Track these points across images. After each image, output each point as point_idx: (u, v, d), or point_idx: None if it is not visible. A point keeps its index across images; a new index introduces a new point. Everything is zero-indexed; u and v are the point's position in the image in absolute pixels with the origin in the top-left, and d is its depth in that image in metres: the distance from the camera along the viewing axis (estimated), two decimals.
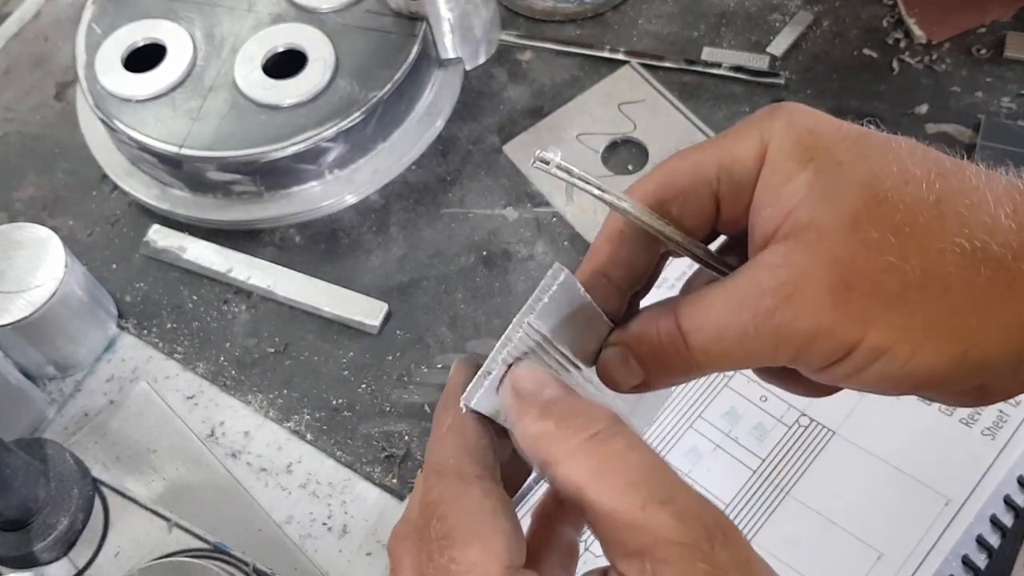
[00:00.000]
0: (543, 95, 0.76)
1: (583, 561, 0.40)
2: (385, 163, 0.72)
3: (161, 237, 0.72)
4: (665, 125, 0.73)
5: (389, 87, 0.69)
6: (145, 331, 0.69)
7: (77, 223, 0.74)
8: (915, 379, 0.35)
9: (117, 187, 0.74)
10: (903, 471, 0.57)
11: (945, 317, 0.34)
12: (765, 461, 0.58)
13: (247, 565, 0.56)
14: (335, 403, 0.65)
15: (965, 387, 0.36)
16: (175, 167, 0.69)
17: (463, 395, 0.36)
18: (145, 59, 0.72)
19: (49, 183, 0.76)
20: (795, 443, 0.59)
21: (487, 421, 0.37)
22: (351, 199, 0.71)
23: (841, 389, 0.40)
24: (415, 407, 0.64)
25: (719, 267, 0.39)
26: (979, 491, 0.56)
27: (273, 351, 0.67)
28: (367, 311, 0.67)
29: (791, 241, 0.35)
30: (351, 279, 0.69)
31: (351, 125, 0.68)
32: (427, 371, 0.66)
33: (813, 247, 0.34)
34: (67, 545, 0.56)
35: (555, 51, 0.78)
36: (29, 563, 0.55)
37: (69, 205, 0.75)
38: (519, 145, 0.74)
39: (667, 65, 0.76)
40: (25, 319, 0.61)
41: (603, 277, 0.39)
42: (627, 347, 0.39)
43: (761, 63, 0.75)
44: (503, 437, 0.37)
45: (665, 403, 0.59)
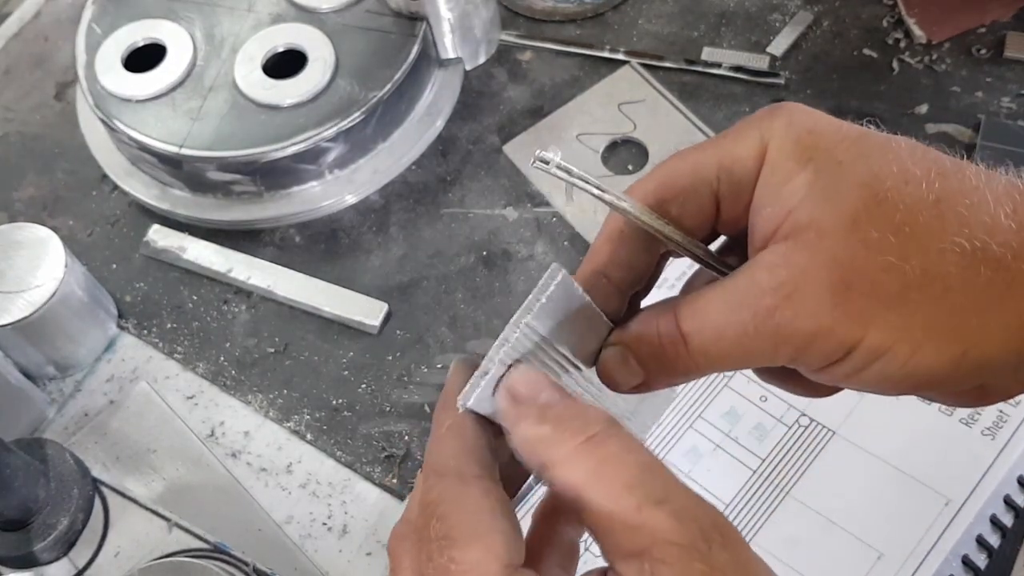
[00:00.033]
0: (543, 95, 0.76)
1: (583, 561, 0.40)
2: (385, 163, 0.72)
3: (161, 237, 0.72)
4: (665, 125, 0.73)
5: (389, 87, 0.69)
6: (145, 331, 0.69)
7: (77, 223, 0.74)
8: (915, 379, 0.35)
9: (117, 187, 0.74)
10: (903, 471, 0.57)
11: (945, 317, 0.34)
12: (765, 461, 0.58)
13: (247, 565, 0.56)
14: (335, 403, 0.65)
15: (965, 387, 0.36)
16: (175, 167, 0.69)
17: (460, 395, 0.36)
18: (145, 59, 0.72)
19: (49, 183, 0.76)
20: (795, 443, 0.59)
21: (486, 421, 0.37)
22: (351, 199, 0.71)
23: (841, 390, 0.40)
24: (415, 407, 0.64)
25: (719, 267, 0.39)
26: (979, 491, 0.56)
27: (273, 351, 0.67)
28: (367, 311, 0.67)
29: (791, 241, 0.35)
30: (351, 279, 0.69)
31: (351, 125, 0.68)
32: (427, 371, 0.66)
33: (813, 247, 0.34)
34: (67, 545, 0.56)
35: (555, 51, 0.78)
36: (29, 563, 0.55)
37: (69, 205, 0.75)
38: (519, 145, 0.74)
39: (667, 65, 0.76)
40: (25, 319, 0.61)
41: (603, 277, 0.39)
42: (627, 347, 0.39)
43: (761, 63, 0.75)
44: (502, 437, 0.37)
45: (670, 404, 0.59)
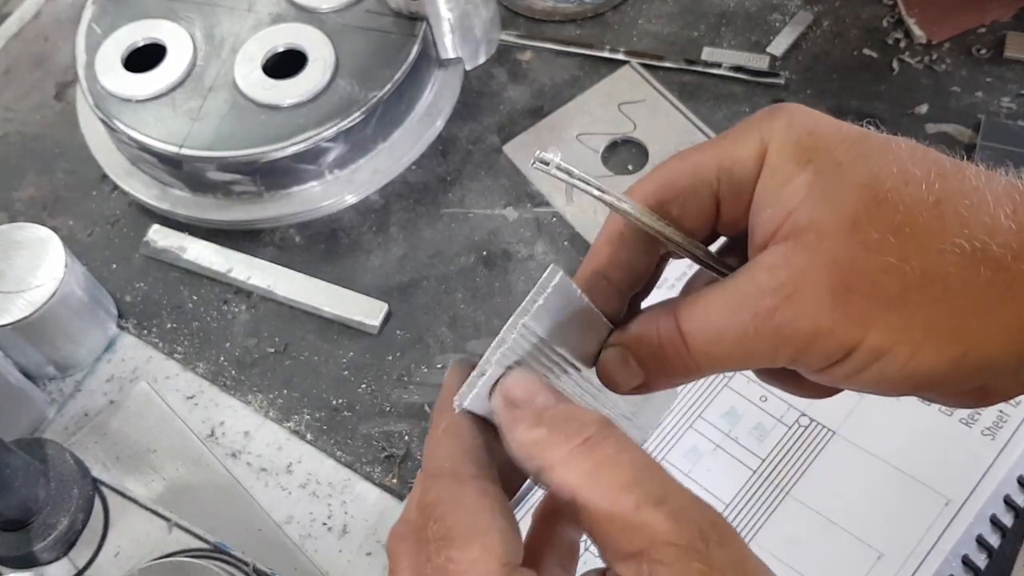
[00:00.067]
0: (543, 95, 0.76)
1: (583, 561, 0.40)
2: (385, 163, 0.72)
3: (161, 237, 0.72)
4: (665, 125, 0.73)
5: (389, 87, 0.69)
6: (145, 331, 0.69)
7: (77, 223, 0.74)
8: (915, 380, 0.35)
9: (117, 187, 0.74)
10: (903, 471, 0.57)
11: (945, 318, 0.34)
12: (765, 461, 0.58)
13: (247, 565, 0.56)
14: (335, 403, 0.65)
15: (965, 388, 0.36)
16: (175, 167, 0.69)
17: (457, 396, 0.36)
18: (145, 59, 0.72)
19: (49, 183, 0.76)
20: (795, 443, 0.59)
21: (483, 422, 0.37)
22: (351, 199, 0.71)
23: (841, 391, 0.40)
24: (415, 407, 0.64)
25: (719, 268, 0.39)
26: (979, 491, 0.56)
27: (273, 351, 0.67)
28: (367, 311, 0.67)
29: (791, 242, 0.35)
30: (351, 279, 0.69)
31: (351, 125, 0.68)
32: (427, 371, 0.66)
33: (813, 248, 0.34)
34: (67, 545, 0.56)
35: (555, 51, 0.78)
36: (29, 563, 0.55)
37: (69, 205, 0.75)
38: (519, 145, 0.74)
39: (667, 65, 0.76)
40: (25, 319, 0.61)
41: (603, 278, 0.39)
42: (627, 348, 0.39)
43: (761, 63, 0.75)
44: (500, 437, 0.37)
45: (672, 405, 0.59)
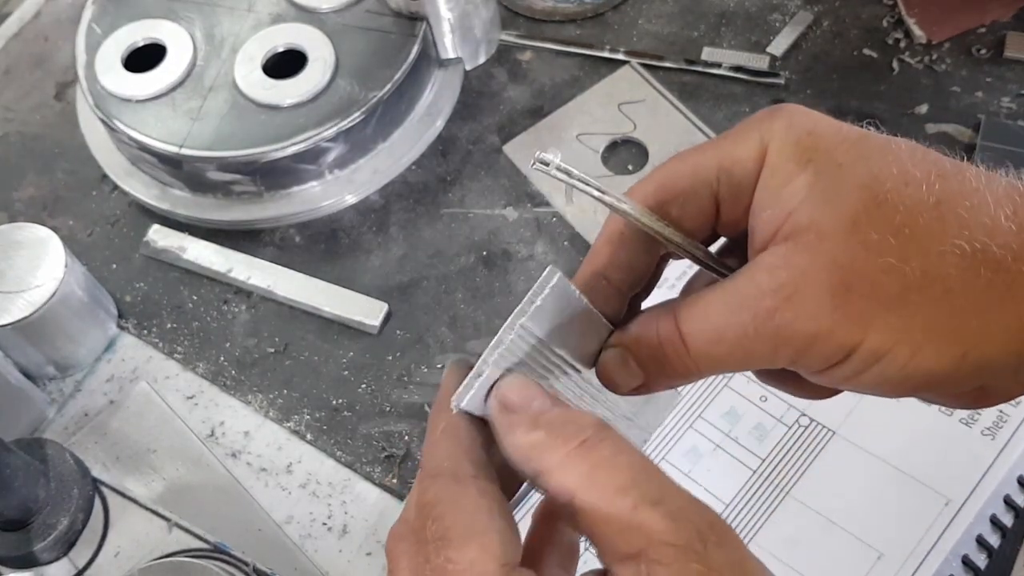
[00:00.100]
0: (543, 95, 0.76)
1: (583, 561, 0.40)
2: (385, 163, 0.72)
3: (161, 237, 0.72)
4: (665, 125, 0.73)
5: (389, 87, 0.69)
6: (145, 331, 0.69)
7: (77, 223, 0.74)
8: (915, 381, 0.35)
9: (117, 187, 0.74)
10: (903, 471, 0.57)
11: (945, 319, 0.34)
12: (765, 461, 0.58)
13: (247, 565, 0.56)
14: (335, 403, 0.65)
15: (965, 389, 0.36)
16: (175, 167, 0.69)
17: (454, 397, 0.37)
18: (145, 59, 0.72)
19: (49, 183, 0.76)
20: (795, 443, 0.59)
21: (481, 422, 0.37)
22: (351, 199, 0.71)
23: (841, 392, 0.40)
24: (415, 407, 0.64)
25: (719, 269, 0.39)
26: (979, 491, 0.56)
27: (273, 351, 0.67)
28: (367, 311, 0.67)
29: (791, 243, 0.35)
30: (351, 279, 0.69)
31: (351, 125, 0.68)
32: (427, 371, 0.66)
33: (813, 249, 0.34)
34: (67, 545, 0.56)
35: (555, 51, 0.78)
36: (29, 563, 0.55)
37: (69, 205, 0.75)
38: (519, 145, 0.74)
39: (667, 65, 0.76)
40: (25, 319, 0.61)
41: (603, 279, 0.39)
42: (627, 349, 0.39)
43: (761, 63, 0.75)
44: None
45: (673, 405, 0.59)
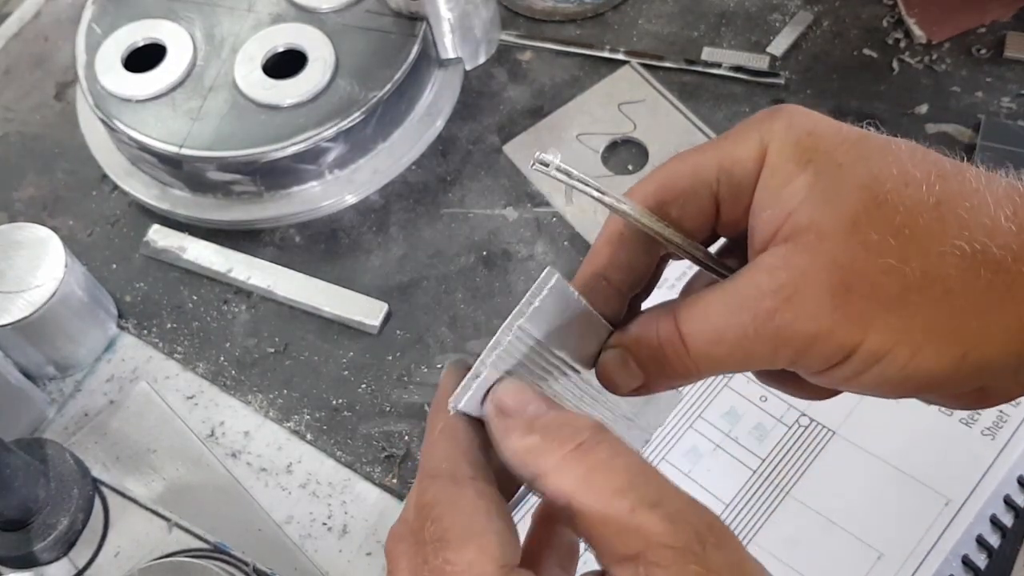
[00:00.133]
0: (543, 95, 0.76)
1: (583, 561, 0.40)
2: (385, 163, 0.72)
3: (161, 237, 0.72)
4: (665, 125, 0.73)
5: (389, 87, 0.69)
6: (145, 331, 0.69)
7: (77, 223, 0.74)
8: (915, 381, 0.35)
9: (117, 187, 0.74)
10: (903, 471, 0.57)
11: (945, 319, 0.34)
12: (765, 461, 0.58)
13: (247, 565, 0.56)
14: (335, 403, 0.65)
15: (965, 389, 0.36)
16: (175, 167, 0.69)
17: (451, 398, 0.37)
18: (145, 59, 0.72)
19: (49, 183, 0.76)
20: (795, 443, 0.59)
21: (479, 423, 0.37)
22: (351, 199, 0.71)
23: (841, 393, 0.40)
24: (415, 407, 0.64)
25: (719, 269, 0.39)
26: (979, 491, 0.56)
27: (273, 351, 0.67)
28: (367, 311, 0.67)
29: (791, 243, 0.35)
30: (351, 279, 0.69)
31: (351, 125, 0.68)
32: (427, 371, 0.66)
33: (813, 249, 0.34)
34: (67, 545, 0.56)
35: (555, 51, 0.78)
36: (29, 563, 0.55)
37: (69, 205, 0.75)
38: (519, 145, 0.74)
39: (667, 65, 0.76)
40: (25, 319, 0.61)
41: (603, 280, 0.39)
42: (626, 350, 0.39)
43: (761, 63, 0.75)
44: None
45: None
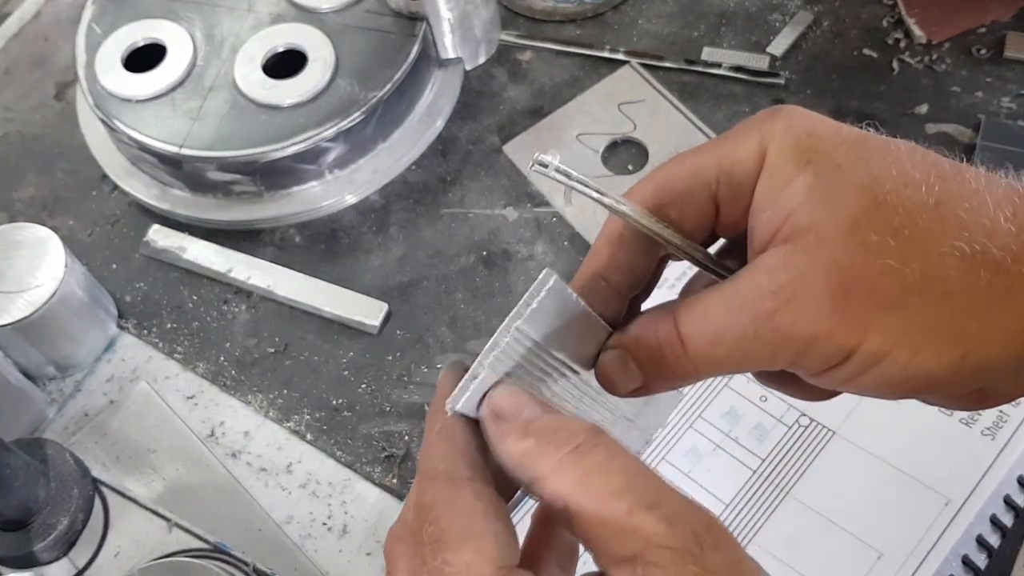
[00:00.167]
0: (543, 95, 0.76)
1: (582, 562, 0.40)
2: (385, 163, 0.72)
3: (161, 237, 0.72)
4: (665, 125, 0.73)
5: (389, 87, 0.69)
6: (145, 331, 0.69)
7: (77, 223, 0.74)
8: (915, 383, 0.35)
9: (117, 187, 0.74)
10: (903, 471, 0.57)
11: (945, 320, 0.34)
12: (765, 461, 0.58)
13: (247, 565, 0.56)
14: (335, 403, 0.65)
15: (965, 390, 0.36)
16: (175, 167, 0.69)
17: (449, 399, 0.37)
18: (145, 59, 0.72)
19: (49, 183, 0.76)
20: (795, 443, 0.59)
21: (477, 424, 0.37)
22: (351, 199, 0.71)
23: (840, 393, 0.40)
24: (415, 407, 0.64)
25: (718, 270, 0.39)
26: (979, 491, 0.56)
27: (273, 351, 0.67)
28: (367, 311, 0.67)
29: (790, 244, 0.35)
30: (351, 279, 0.69)
31: (351, 125, 0.68)
32: (427, 371, 0.66)
33: (812, 250, 0.34)
34: (67, 545, 0.56)
35: (555, 51, 0.78)
36: (29, 563, 0.55)
37: (69, 205, 0.75)
38: (519, 145, 0.74)
39: (667, 65, 0.76)
40: (25, 319, 0.61)
41: (602, 280, 0.39)
42: (626, 350, 0.39)
43: (761, 63, 0.75)
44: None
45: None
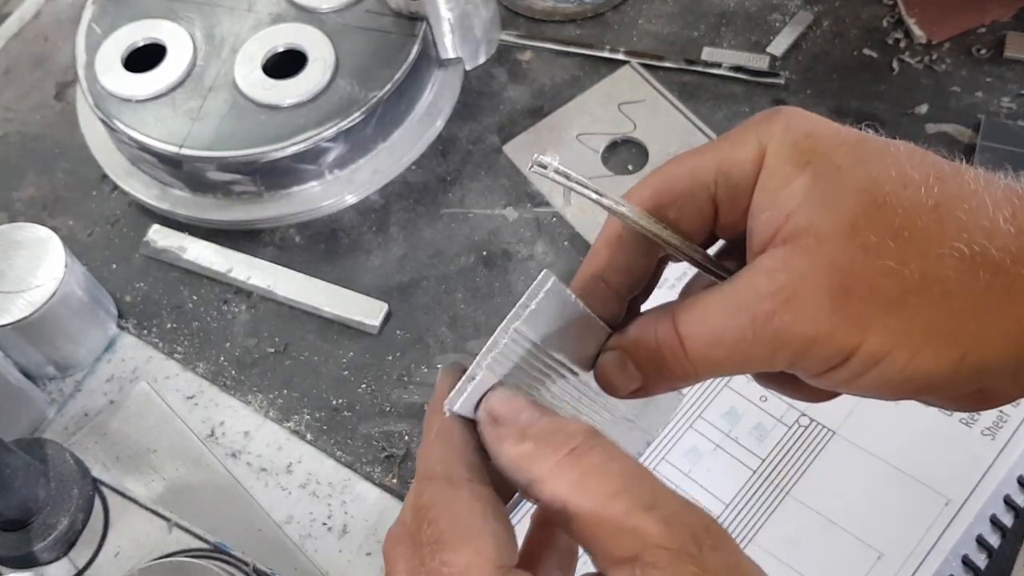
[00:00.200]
0: (543, 95, 0.76)
1: (582, 562, 0.40)
2: (385, 163, 0.72)
3: (161, 237, 0.72)
4: (665, 125, 0.73)
5: (389, 87, 0.69)
6: (145, 331, 0.69)
7: (77, 223, 0.74)
8: (914, 384, 0.35)
9: (117, 187, 0.74)
10: (903, 471, 0.57)
11: (944, 321, 0.34)
12: (765, 461, 0.58)
13: (247, 565, 0.56)
14: (335, 403, 0.65)
15: (964, 391, 0.36)
16: (175, 167, 0.69)
17: (447, 400, 0.37)
18: (145, 59, 0.72)
19: (49, 183, 0.76)
20: (795, 443, 0.59)
21: (474, 425, 0.37)
22: (351, 199, 0.71)
23: (840, 395, 0.40)
24: (415, 407, 0.64)
25: (717, 271, 0.39)
26: (979, 491, 0.56)
27: (273, 351, 0.67)
28: (367, 311, 0.67)
29: (789, 245, 0.35)
30: (351, 279, 0.69)
31: (351, 125, 0.68)
32: (427, 371, 0.66)
33: (811, 251, 0.34)
34: (67, 545, 0.56)
35: (555, 51, 0.78)
36: (29, 563, 0.55)
37: (69, 205, 0.75)
38: (519, 145, 0.74)
39: (667, 65, 0.76)
40: (25, 319, 0.61)
41: (601, 282, 0.39)
42: (625, 352, 0.39)
43: (761, 63, 0.75)
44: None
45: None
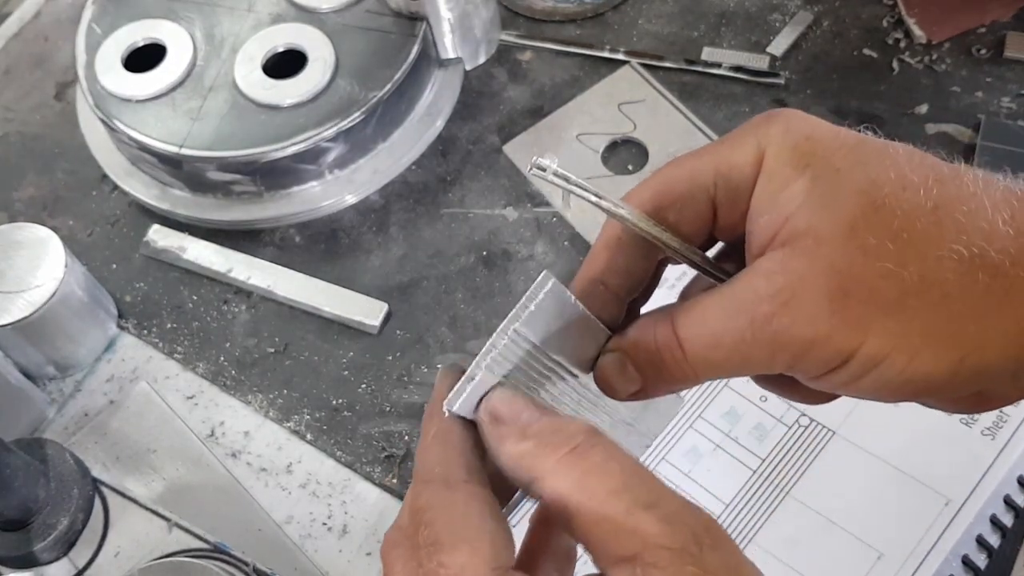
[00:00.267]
0: (543, 95, 0.76)
1: (582, 562, 0.40)
2: (385, 163, 0.72)
3: (161, 237, 0.72)
4: (665, 125, 0.73)
5: (389, 87, 0.69)
6: (145, 331, 0.69)
7: (77, 223, 0.74)
8: (913, 386, 0.35)
9: (117, 187, 0.74)
10: (903, 471, 0.57)
11: (943, 323, 0.34)
12: (765, 461, 0.59)
13: (247, 565, 0.56)
14: (335, 403, 0.65)
15: (963, 393, 0.36)
16: (175, 167, 0.69)
17: (446, 401, 0.37)
18: (145, 59, 0.72)
19: (49, 183, 0.76)
20: (795, 443, 0.59)
21: (473, 426, 0.37)
22: (351, 199, 0.71)
23: (839, 396, 0.40)
24: (415, 407, 0.64)
25: (717, 274, 0.39)
26: (979, 491, 0.56)
27: (273, 351, 0.67)
28: (367, 311, 0.67)
29: (788, 248, 0.35)
30: (351, 279, 0.69)
31: (351, 125, 0.68)
32: (427, 371, 0.66)
33: (811, 254, 0.34)
34: (67, 545, 0.56)
35: (555, 51, 0.78)
36: (29, 563, 0.55)
37: (69, 205, 0.75)
38: (519, 145, 0.74)
39: (667, 65, 0.76)
40: (25, 319, 0.61)
41: (601, 284, 0.39)
42: (624, 354, 0.39)
43: (761, 63, 0.75)
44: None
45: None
